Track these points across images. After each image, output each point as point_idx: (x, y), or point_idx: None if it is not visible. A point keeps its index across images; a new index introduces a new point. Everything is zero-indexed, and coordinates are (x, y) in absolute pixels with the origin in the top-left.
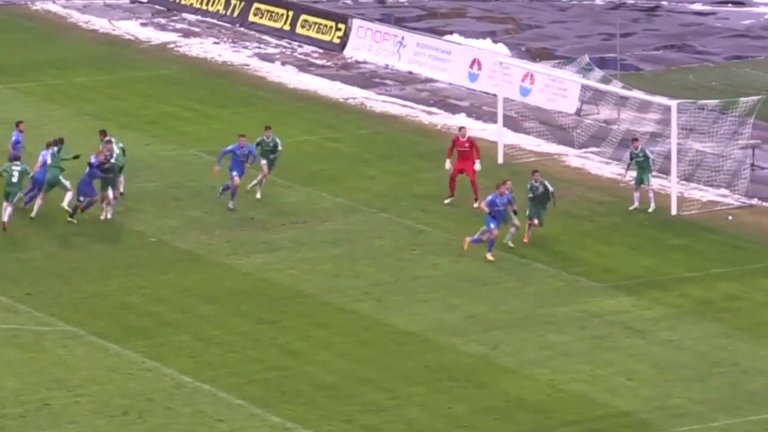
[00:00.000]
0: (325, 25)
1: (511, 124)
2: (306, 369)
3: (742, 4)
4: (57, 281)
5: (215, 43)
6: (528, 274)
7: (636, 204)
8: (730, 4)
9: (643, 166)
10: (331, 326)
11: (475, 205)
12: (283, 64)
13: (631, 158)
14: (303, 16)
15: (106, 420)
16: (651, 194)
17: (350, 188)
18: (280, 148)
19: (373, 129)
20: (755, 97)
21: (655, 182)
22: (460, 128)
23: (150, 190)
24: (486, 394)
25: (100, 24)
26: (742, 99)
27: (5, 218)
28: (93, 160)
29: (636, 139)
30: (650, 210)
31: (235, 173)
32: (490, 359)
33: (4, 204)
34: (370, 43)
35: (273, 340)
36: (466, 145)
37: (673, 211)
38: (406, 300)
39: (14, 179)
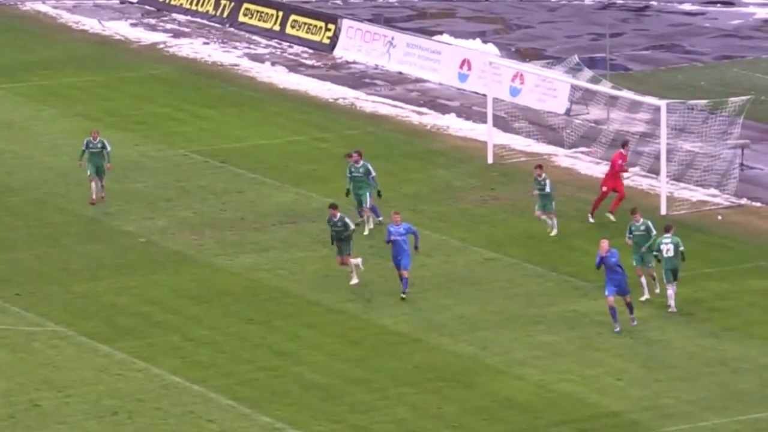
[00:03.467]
0: (315, 26)
1: (501, 124)
2: (295, 369)
3: (731, 4)
4: (46, 282)
5: (205, 43)
6: (517, 274)
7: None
8: (719, 4)
9: (639, 242)
10: (320, 327)
11: (612, 218)
12: (273, 64)
13: (630, 231)
14: (293, 17)
15: (96, 420)
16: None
17: (340, 189)
18: (108, 148)
19: (362, 129)
20: (744, 97)
21: (645, 182)
22: (624, 144)
23: (139, 190)
24: (475, 394)
25: (90, 24)
26: (731, 99)
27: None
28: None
29: (635, 212)
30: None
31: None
32: (480, 359)
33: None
34: (360, 44)
35: (262, 340)
36: (620, 161)
37: (663, 211)
38: (396, 300)
39: None
